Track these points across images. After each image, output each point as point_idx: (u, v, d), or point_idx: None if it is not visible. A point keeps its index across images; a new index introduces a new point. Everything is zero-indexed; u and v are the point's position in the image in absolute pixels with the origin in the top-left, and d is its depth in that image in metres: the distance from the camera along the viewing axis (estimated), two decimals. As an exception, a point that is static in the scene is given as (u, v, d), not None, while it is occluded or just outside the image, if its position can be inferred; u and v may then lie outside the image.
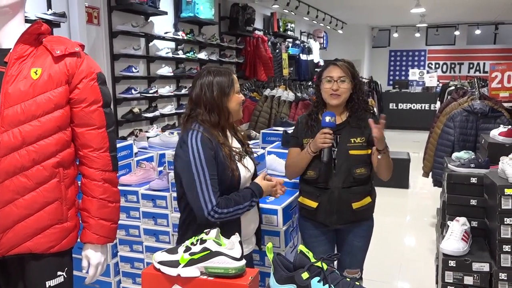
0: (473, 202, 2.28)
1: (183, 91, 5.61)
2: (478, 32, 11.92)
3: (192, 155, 1.62)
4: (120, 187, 2.38)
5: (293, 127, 3.82)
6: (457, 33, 12.15)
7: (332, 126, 2.00)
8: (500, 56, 12.15)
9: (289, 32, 9.01)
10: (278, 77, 7.10)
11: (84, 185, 1.48)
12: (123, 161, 2.76)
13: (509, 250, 1.94)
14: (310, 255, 1.20)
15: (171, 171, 2.52)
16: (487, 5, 9.06)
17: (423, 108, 10.97)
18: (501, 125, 2.85)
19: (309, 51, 9.76)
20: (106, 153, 1.48)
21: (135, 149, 2.97)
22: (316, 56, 10.19)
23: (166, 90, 5.29)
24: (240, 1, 6.71)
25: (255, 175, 1.92)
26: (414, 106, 11.08)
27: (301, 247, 1.22)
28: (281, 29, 8.72)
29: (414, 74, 11.36)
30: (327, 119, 1.99)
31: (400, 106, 11.21)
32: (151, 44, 5.18)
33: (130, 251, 2.67)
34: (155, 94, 5.05)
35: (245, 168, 1.77)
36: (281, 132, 3.56)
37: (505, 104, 4.11)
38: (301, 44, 9.56)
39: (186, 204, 1.72)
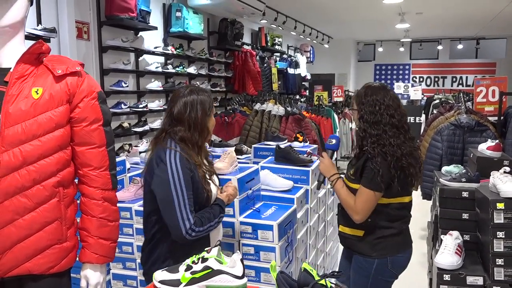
0: (465, 216, 2.32)
1: (173, 105, 5.60)
2: (460, 46, 12.22)
3: (171, 175, 1.64)
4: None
5: (284, 141, 3.88)
6: (440, 47, 12.43)
7: (332, 148, 2.13)
8: (482, 70, 12.47)
9: (276, 47, 9.11)
10: (267, 91, 7.16)
11: (84, 204, 1.47)
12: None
13: (502, 263, 1.97)
14: (314, 273, 1.21)
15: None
16: (468, 22, 9.32)
17: (409, 120, 11.09)
18: (489, 139, 2.91)
19: (296, 65, 9.86)
20: (106, 172, 1.47)
21: (127, 165, 2.96)
22: (303, 70, 10.31)
23: (155, 104, 5.28)
24: (229, 16, 6.77)
25: None
26: (400, 119, 11.24)
27: (305, 265, 1.23)
28: (269, 44, 8.82)
29: (399, 87, 11.54)
30: (329, 141, 2.15)
31: (386, 119, 11.35)
32: (140, 58, 5.18)
33: (123, 269, 2.64)
34: (144, 109, 5.04)
35: (214, 186, 1.84)
36: (273, 146, 3.59)
37: (490, 118, 4.22)
38: (289, 58, 9.66)
39: (156, 221, 1.75)
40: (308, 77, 10.82)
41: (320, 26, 9.79)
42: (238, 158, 3.68)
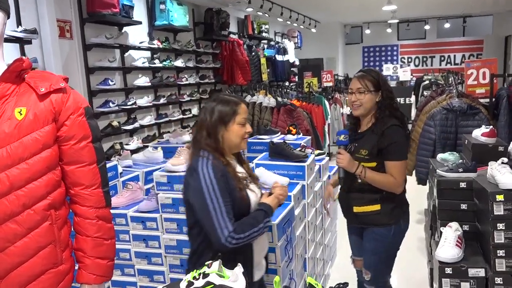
0: (464, 206, 2.32)
1: (162, 101, 5.52)
2: (447, 25, 12.18)
3: (204, 183, 1.62)
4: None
5: (278, 134, 3.83)
6: (427, 27, 12.37)
7: (344, 144, 2.20)
8: (469, 48, 12.47)
9: (263, 34, 8.99)
10: (257, 81, 7.07)
11: (77, 224, 1.42)
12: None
13: (504, 254, 1.97)
14: (319, 287, 1.18)
15: (159, 192, 2.48)
16: (454, 0, 9.27)
17: (398, 101, 11.13)
18: (483, 125, 2.89)
19: (284, 51, 9.75)
20: (98, 190, 1.42)
21: (119, 169, 2.90)
22: (291, 56, 10.20)
23: (144, 100, 5.19)
24: (214, 5, 6.64)
25: None
26: (390, 100, 11.23)
27: (309, 280, 1.21)
28: (255, 31, 8.70)
29: (388, 69, 11.51)
30: (340, 137, 2.20)
31: (376, 101, 11.36)
32: (126, 54, 5.07)
33: (122, 275, 2.61)
34: (133, 106, 4.95)
35: (252, 193, 1.77)
36: (267, 141, 3.55)
37: (482, 100, 4.21)
38: (276, 45, 9.55)
39: (199, 232, 1.72)
40: (297, 63, 10.72)
41: (307, 11, 9.67)
42: (231, 154, 3.64)
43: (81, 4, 4.40)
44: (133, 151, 4.48)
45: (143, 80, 5.18)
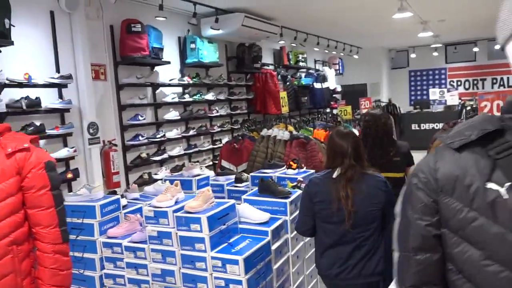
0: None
1: (191, 132, 5.92)
2: (498, 47, 11.62)
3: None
4: (107, 239, 2.69)
5: (282, 168, 4.02)
6: (476, 49, 11.93)
7: None
8: (525, 69, 11.81)
9: (300, 63, 9.24)
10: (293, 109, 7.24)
11: (38, 257, 1.74)
12: (110, 215, 3.02)
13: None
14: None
15: (148, 225, 2.76)
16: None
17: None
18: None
19: (323, 78, 9.91)
20: (55, 229, 1.73)
21: (123, 202, 3.24)
22: (332, 83, 10.33)
23: (173, 133, 5.61)
24: (247, 41, 7.02)
25: None
26: (436, 126, 10.91)
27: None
28: (291, 62, 8.96)
29: (434, 93, 11.25)
30: None
31: (423, 126, 11.10)
32: (158, 91, 5.55)
33: (118, 299, 2.91)
34: (162, 138, 5.38)
35: None
36: (270, 175, 3.73)
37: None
38: (316, 73, 9.75)
39: (379, 234, 2.39)
40: (338, 89, 10.83)
41: (345, 39, 9.80)
42: (237, 187, 3.89)
43: (115, 49, 4.95)
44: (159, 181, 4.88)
45: (173, 114, 5.62)
